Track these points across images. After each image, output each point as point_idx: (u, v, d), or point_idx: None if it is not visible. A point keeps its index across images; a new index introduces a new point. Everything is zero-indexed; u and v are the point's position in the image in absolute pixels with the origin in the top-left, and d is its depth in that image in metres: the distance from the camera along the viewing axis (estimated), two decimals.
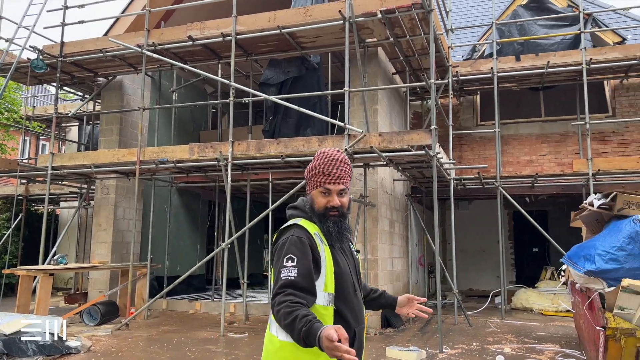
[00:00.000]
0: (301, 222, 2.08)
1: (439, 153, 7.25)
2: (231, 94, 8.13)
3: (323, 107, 9.68)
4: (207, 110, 14.12)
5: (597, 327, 4.63)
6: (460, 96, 11.47)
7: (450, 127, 9.75)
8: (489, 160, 10.95)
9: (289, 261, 1.94)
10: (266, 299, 10.67)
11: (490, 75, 10.11)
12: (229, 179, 7.96)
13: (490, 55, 10.82)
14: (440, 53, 8.96)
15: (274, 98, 7.92)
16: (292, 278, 1.90)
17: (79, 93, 12.60)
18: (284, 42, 8.74)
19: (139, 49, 8.79)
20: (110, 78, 10.49)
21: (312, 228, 2.06)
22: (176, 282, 8.20)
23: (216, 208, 13.25)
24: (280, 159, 7.87)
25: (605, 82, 10.87)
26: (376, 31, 8.23)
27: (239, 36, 8.37)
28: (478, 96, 11.72)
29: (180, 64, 8.79)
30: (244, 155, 8.04)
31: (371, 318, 8.23)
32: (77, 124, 14.93)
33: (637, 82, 10.49)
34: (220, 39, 8.49)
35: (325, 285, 1.97)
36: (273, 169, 9.34)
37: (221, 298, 10.06)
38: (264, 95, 8.06)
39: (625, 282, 4.37)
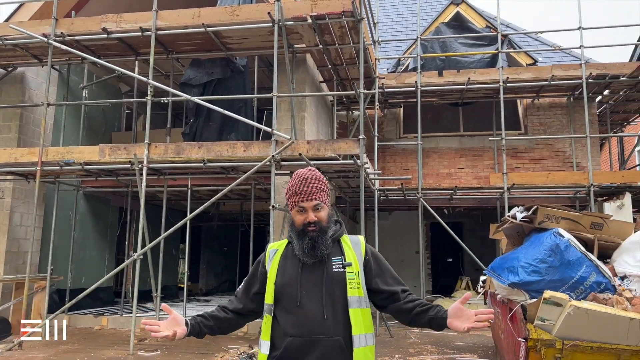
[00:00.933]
0: (274, 242, 2.32)
1: (367, 163, 7.17)
2: (149, 93, 7.57)
3: (248, 112, 9.34)
4: (121, 111, 13.22)
5: (520, 339, 4.67)
6: (385, 108, 11.60)
7: (376, 138, 9.77)
8: (410, 172, 11.12)
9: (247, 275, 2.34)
10: (190, 313, 10.04)
11: (414, 88, 10.29)
12: (144, 184, 7.38)
13: (415, 69, 11.05)
14: (368, 64, 8.96)
15: (197, 99, 7.48)
16: (238, 289, 2.32)
17: None
18: (208, 42, 8.32)
19: (45, 39, 7.98)
20: (9, 69, 9.46)
21: (275, 246, 2.24)
22: (80, 295, 7.44)
23: (128, 215, 12.41)
24: (201, 164, 7.42)
25: (518, 100, 11.46)
26: (306, 37, 8.05)
27: (159, 32, 7.84)
28: (401, 109, 11.93)
29: (93, 58, 8.07)
30: (161, 158, 7.50)
31: None
32: None
33: (547, 102, 11.16)
34: (139, 33, 7.91)
35: (267, 296, 2.13)
36: (193, 175, 8.84)
37: (131, 312, 9.37)
38: (185, 96, 7.58)
39: (547, 294, 4.44)
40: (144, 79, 7.63)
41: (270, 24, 7.45)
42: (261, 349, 2.11)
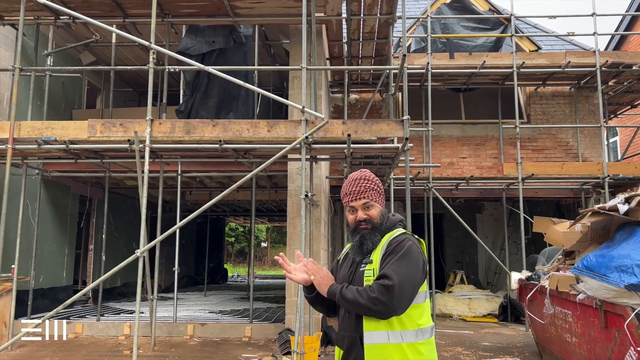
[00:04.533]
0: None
1: (411, 146, 6.41)
2: (151, 60, 6.33)
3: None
4: (82, 86, 11.62)
5: (638, 348, 4.12)
6: (384, 92, 10.85)
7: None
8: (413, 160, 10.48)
9: None
10: (168, 315, 8.87)
11: (423, 71, 9.61)
12: (146, 168, 6.17)
13: (418, 50, 10.41)
14: (388, 40, 8.17)
15: (211, 69, 6.33)
16: None
17: None
18: (214, 5, 7.19)
19: None
20: None
21: (348, 246, 2.29)
22: (76, 296, 6.11)
23: (95, 204, 11.04)
24: (216, 145, 6.32)
25: (520, 88, 11.09)
26: (330, 4, 7.13)
27: None
28: (401, 93, 11.22)
29: (84, 17, 6.58)
30: (167, 138, 6.32)
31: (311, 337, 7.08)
32: None
33: (550, 91, 10.88)
34: None
35: None
36: (191, 158, 7.71)
37: (105, 316, 8.23)
38: (198, 65, 6.41)
39: None
40: (146, 43, 6.36)
41: None
42: None
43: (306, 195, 6.10)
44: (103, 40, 9.51)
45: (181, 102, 8.18)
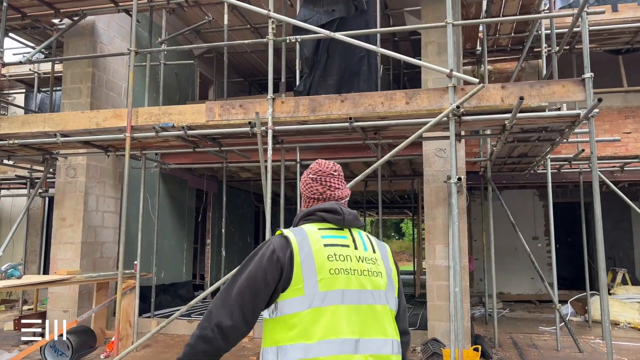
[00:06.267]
0: None
1: (597, 112, 5.06)
2: (270, 30, 5.60)
3: (372, 61, 7.28)
4: (195, 77, 11.41)
5: None
6: (525, 60, 9.33)
7: None
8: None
9: None
10: None
11: (577, 29, 7.97)
12: (269, 152, 5.44)
13: (565, 8, 8.78)
14: None
15: (337, 35, 5.45)
16: None
17: (30, 44, 9.54)
18: None
19: None
20: (76, 18, 7.65)
21: None
22: (200, 297, 5.58)
23: (211, 198, 10.76)
24: (346, 124, 5.41)
25: None
26: None
27: None
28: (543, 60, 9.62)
29: None
30: (290, 118, 5.53)
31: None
32: (23, 90, 11.86)
33: None
34: None
35: None
36: (312, 143, 6.93)
37: None
38: (322, 30, 5.57)
39: None
40: (264, 11, 5.62)
41: None
42: None
43: (459, 179, 4.99)
44: (214, 25, 9.09)
45: (298, 82, 7.42)
